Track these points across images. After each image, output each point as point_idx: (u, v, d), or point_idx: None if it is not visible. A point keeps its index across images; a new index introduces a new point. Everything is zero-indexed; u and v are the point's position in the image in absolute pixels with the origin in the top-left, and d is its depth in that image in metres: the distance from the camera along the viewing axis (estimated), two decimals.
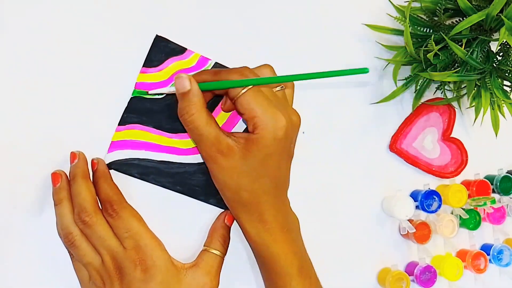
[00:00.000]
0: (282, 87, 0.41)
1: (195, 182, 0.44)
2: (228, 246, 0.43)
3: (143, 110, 0.43)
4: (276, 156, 0.39)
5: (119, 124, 0.42)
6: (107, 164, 0.41)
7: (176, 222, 0.44)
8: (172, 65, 0.44)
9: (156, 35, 0.43)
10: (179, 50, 0.44)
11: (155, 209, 0.43)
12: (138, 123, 0.43)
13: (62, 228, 0.39)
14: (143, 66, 0.43)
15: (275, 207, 0.40)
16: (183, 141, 0.44)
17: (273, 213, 0.40)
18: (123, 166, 0.42)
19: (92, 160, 0.41)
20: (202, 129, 0.38)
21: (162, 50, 0.43)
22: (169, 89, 0.41)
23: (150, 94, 0.43)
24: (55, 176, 0.39)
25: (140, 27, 0.43)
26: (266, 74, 0.41)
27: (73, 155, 0.40)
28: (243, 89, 0.38)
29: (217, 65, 0.45)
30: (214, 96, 0.44)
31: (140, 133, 0.43)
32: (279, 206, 0.41)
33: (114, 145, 0.42)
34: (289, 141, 0.40)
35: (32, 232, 0.40)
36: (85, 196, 0.39)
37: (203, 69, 0.45)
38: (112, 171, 0.42)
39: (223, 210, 0.45)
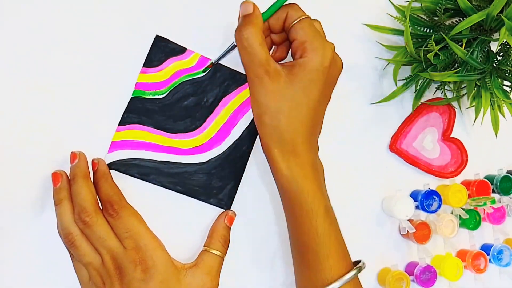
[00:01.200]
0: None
1: (195, 182, 0.44)
2: (228, 246, 0.43)
3: (143, 110, 0.43)
4: (319, 86, 0.40)
5: (119, 124, 0.42)
6: (107, 164, 0.41)
7: (176, 222, 0.44)
8: (172, 65, 0.44)
9: (156, 35, 0.43)
10: (179, 50, 0.44)
11: (155, 209, 0.43)
12: (139, 123, 0.43)
13: (62, 228, 0.39)
14: (143, 66, 0.43)
15: (309, 142, 0.41)
16: (183, 141, 0.44)
17: (306, 148, 0.41)
18: (123, 166, 0.42)
19: (93, 160, 0.41)
20: (255, 48, 0.39)
21: (162, 50, 0.43)
22: (232, 43, 0.42)
23: (213, 60, 0.44)
24: (56, 176, 0.39)
25: (140, 27, 0.43)
26: (318, 25, 0.43)
27: (73, 155, 0.40)
28: (300, 17, 0.41)
29: (217, 65, 0.45)
30: (272, 45, 0.45)
31: (140, 133, 0.43)
32: (311, 144, 0.42)
33: (115, 145, 0.42)
34: (331, 77, 0.42)
35: (32, 232, 0.40)
36: (85, 196, 0.39)
37: (202, 69, 0.45)
38: (112, 171, 0.42)
39: (223, 210, 0.45)
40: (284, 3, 0.42)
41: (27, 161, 0.40)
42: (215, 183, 0.45)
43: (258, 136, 0.46)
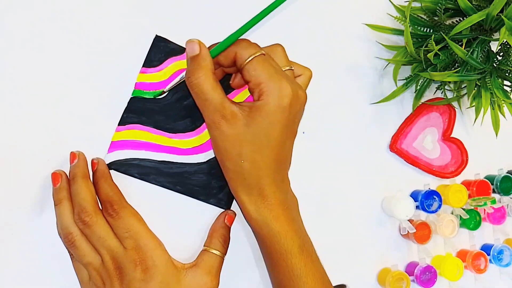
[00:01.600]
0: (291, 67, 0.41)
1: (195, 182, 0.44)
2: (228, 246, 0.43)
3: (143, 110, 0.43)
4: (280, 127, 0.38)
5: (119, 124, 0.42)
6: (107, 164, 0.41)
7: (176, 222, 0.44)
8: (172, 65, 0.44)
9: (156, 35, 0.43)
10: (178, 50, 0.44)
11: (155, 209, 0.43)
12: (138, 123, 0.43)
13: (62, 228, 0.39)
14: (143, 66, 0.43)
15: (276, 183, 0.40)
16: (183, 141, 0.44)
17: (273, 189, 0.40)
18: (123, 166, 0.42)
19: (92, 160, 0.41)
20: (207, 93, 0.38)
21: (161, 50, 0.43)
22: (181, 76, 0.41)
23: (163, 91, 0.43)
24: (55, 176, 0.39)
25: (140, 27, 0.43)
26: (277, 51, 0.41)
27: (72, 155, 0.40)
28: (250, 56, 0.38)
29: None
30: (225, 75, 0.43)
31: (140, 133, 0.43)
32: (279, 183, 0.40)
33: (114, 145, 0.42)
34: (294, 114, 0.39)
35: (32, 232, 0.40)
36: (85, 196, 0.39)
37: None
38: (112, 171, 0.42)
39: (223, 210, 0.45)
40: (232, 42, 0.39)
41: (27, 161, 0.40)
42: (215, 183, 0.44)
43: None
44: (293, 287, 0.40)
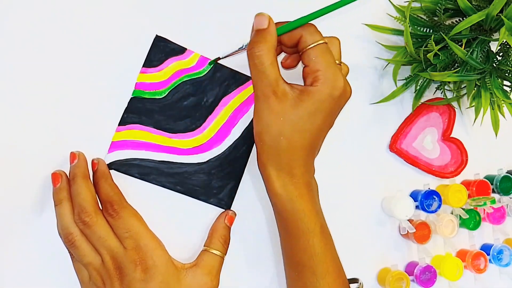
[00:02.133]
0: (340, 63, 0.43)
1: (195, 182, 0.44)
2: (228, 246, 0.43)
3: (143, 110, 0.43)
4: (324, 115, 0.40)
5: (119, 124, 0.43)
6: (107, 165, 0.42)
7: (176, 222, 0.44)
8: (172, 65, 0.44)
9: (156, 35, 0.43)
10: (179, 50, 0.44)
11: (155, 209, 0.43)
12: (138, 123, 0.43)
13: (62, 228, 0.39)
14: (143, 66, 0.43)
15: (306, 166, 0.41)
16: (183, 141, 0.44)
17: (302, 170, 0.41)
18: (124, 167, 0.42)
19: (93, 161, 0.41)
20: (266, 67, 0.39)
21: (162, 50, 0.43)
22: (243, 44, 0.41)
23: (221, 58, 0.44)
24: (55, 176, 0.39)
25: (140, 27, 0.43)
26: (335, 44, 0.42)
27: (72, 156, 0.40)
28: (314, 43, 0.39)
29: (216, 65, 0.45)
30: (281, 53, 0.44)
31: (140, 133, 0.43)
32: (308, 167, 0.42)
33: (115, 145, 0.42)
34: (338, 106, 0.41)
35: (32, 232, 0.40)
36: (85, 196, 0.39)
37: (202, 69, 0.45)
38: (112, 171, 0.42)
39: (223, 210, 0.45)
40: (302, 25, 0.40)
41: (27, 161, 0.40)
42: (215, 183, 0.45)
43: None
44: (312, 266, 0.40)
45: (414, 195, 0.53)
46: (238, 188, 0.46)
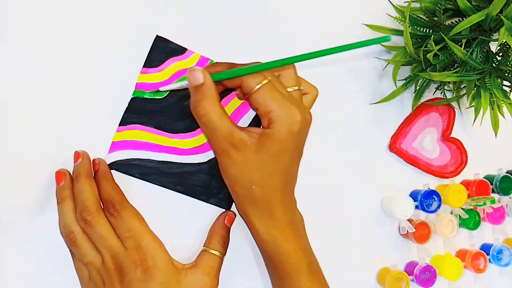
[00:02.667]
0: (299, 88, 0.41)
1: (195, 182, 0.44)
2: (227, 246, 0.44)
3: (144, 111, 0.43)
4: (289, 151, 0.39)
5: (119, 125, 0.43)
6: (108, 165, 0.42)
7: (176, 222, 0.44)
8: (173, 65, 0.44)
9: (156, 35, 0.43)
10: (179, 50, 0.44)
11: (155, 209, 0.43)
12: (139, 123, 0.43)
13: (64, 226, 0.39)
14: (144, 66, 0.43)
15: (285, 203, 0.40)
16: (183, 141, 0.44)
17: (283, 210, 0.40)
18: (124, 167, 0.42)
19: (94, 161, 0.41)
20: (215, 122, 0.37)
21: (162, 51, 0.44)
22: (181, 83, 0.41)
23: (161, 92, 0.43)
24: (59, 174, 0.40)
25: (140, 27, 0.43)
26: (288, 72, 0.40)
27: (77, 155, 0.40)
28: (257, 85, 0.37)
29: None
30: (226, 90, 0.43)
31: (141, 133, 0.43)
32: (288, 203, 0.41)
33: (115, 146, 0.42)
34: (302, 138, 0.40)
35: (33, 231, 0.40)
36: (87, 195, 0.39)
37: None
38: (113, 172, 0.42)
39: (223, 210, 0.45)
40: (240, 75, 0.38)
41: (29, 161, 0.40)
42: (215, 183, 0.45)
43: None
44: None
45: (414, 195, 0.53)
46: None
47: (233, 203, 0.45)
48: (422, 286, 0.51)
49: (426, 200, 0.51)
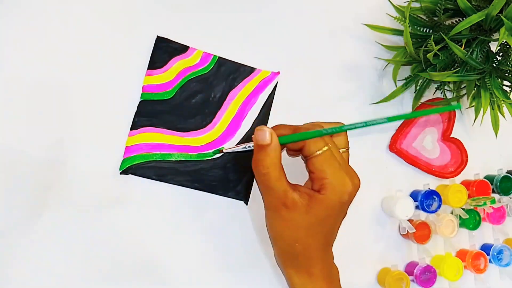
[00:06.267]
0: (347, 149, 0.43)
1: (212, 177, 0.44)
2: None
3: (153, 112, 0.43)
4: (335, 216, 0.40)
5: (131, 129, 0.43)
6: (124, 170, 0.42)
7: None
8: (177, 64, 0.44)
9: (157, 36, 0.43)
10: (181, 49, 0.44)
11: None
12: (150, 125, 0.43)
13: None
14: (148, 68, 0.43)
15: (323, 260, 0.41)
16: (196, 139, 0.44)
17: (320, 267, 0.41)
18: (140, 170, 0.42)
19: None
20: (273, 183, 0.39)
21: (164, 51, 0.44)
22: (245, 145, 0.42)
23: (225, 151, 0.44)
24: None
25: (139, 30, 0.43)
26: (340, 135, 0.43)
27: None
28: (318, 151, 0.39)
29: (220, 60, 0.45)
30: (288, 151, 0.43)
31: (153, 135, 0.43)
32: (326, 259, 0.42)
33: (129, 150, 0.42)
34: (349, 203, 0.41)
35: (33, 231, 0.40)
36: None
37: (206, 65, 0.45)
38: (129, 176, 0.42)
39: (242, 201, 0.45)
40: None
41: (29, 165, 0.40)
42: (231, 176, 0.45)
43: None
44: None
45: (414, 195, 0.53)
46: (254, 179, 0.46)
47: (250, 195, 0.46)
48: (422, 287, 0.51)
49: (426, 200, 0.51)
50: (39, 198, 0.40)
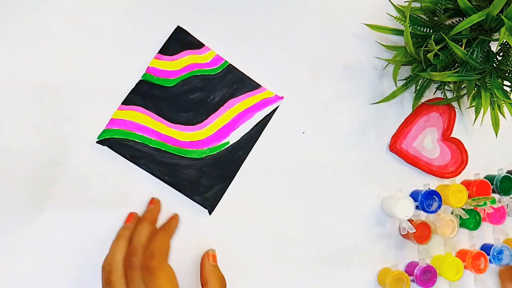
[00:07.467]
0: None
1: (184, 176, 0.44)
2: (225, 282, 0.43)
3: (149, 95, 0.43)
4: None
5: (122, 103, 0.43)
6: (101, 140, 0.41)
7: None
8: (187, 57, 0.44)
9: (178, 25, 0.44)
10: (196, 44, 0.45)
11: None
12: (142, 106, 0.43)
13: (107, 264, 0.38)
14: (158, 52, 0.43)
15: None
16: (181, 133, 0.44)
17: None
18: (117, 145, 0.42)
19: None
20: None
21: (180, 41, 0.44)
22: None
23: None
24: (130, 215, 0.41)
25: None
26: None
27: (152, 200, 0.42)
28: None
29: (230, 66, 0.46)
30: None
31: (141, 116, 0.43)
32: None
33: (113, 123, 0.42)
34: None
35: (33, 231, 0.40)
36: (142, 239, 0.39)
37: (215, 67, 0.45)
38: (104, 148, 0.42)
39: (205, 210, 0.45)
40: None
41: (27, 160, 0.40)
42: (204, 181, 0.44)
43: (254, 145, 0.46)
44: None
45: (414, 195, 0.53)
46: (226, 191, 0.45)
47: (215, 207, 0.45)
48: (423, 287, 0.51)
49: (426, 200, 0.51)
50: (39, 198, 0.40)
